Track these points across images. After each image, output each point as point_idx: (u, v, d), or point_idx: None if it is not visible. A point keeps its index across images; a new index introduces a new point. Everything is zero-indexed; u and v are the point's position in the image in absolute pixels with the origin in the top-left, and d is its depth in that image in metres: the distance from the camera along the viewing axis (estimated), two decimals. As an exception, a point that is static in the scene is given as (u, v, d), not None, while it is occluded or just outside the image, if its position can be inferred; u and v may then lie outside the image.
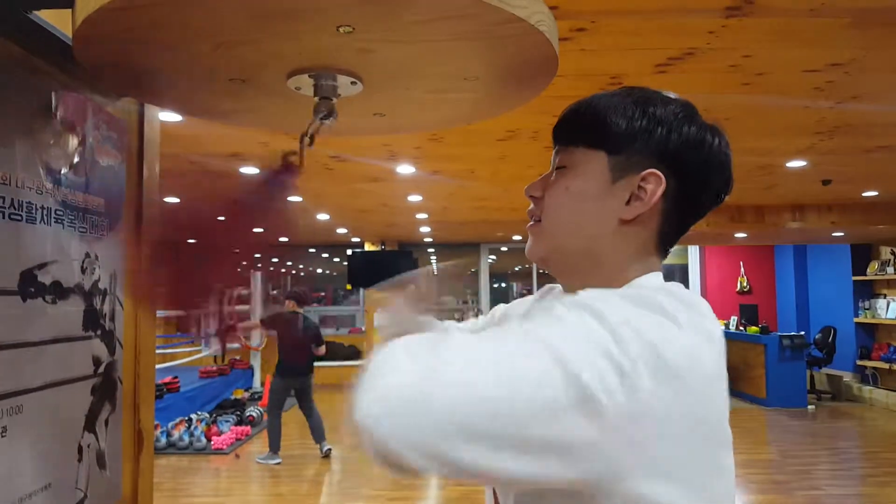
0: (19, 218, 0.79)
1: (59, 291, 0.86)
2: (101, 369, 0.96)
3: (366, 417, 0.54)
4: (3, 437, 0.75)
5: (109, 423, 0.99)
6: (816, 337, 9.71)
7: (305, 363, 6.17)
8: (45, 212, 0.84)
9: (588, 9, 2.33)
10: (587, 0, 2.26)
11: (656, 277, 0.77)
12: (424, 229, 9.78)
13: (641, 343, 0.58)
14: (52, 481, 0.85)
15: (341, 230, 9.88)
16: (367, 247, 11.22)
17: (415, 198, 6.73)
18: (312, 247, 13.09)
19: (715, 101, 3.44)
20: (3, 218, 0.76)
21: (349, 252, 10.36)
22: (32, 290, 0.81)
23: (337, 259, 13.54)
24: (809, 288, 10.55)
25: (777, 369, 8.83)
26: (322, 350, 6.19)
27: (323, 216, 8.15)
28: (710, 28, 2.53)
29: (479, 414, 0.53)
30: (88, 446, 0.93)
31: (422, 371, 0.55)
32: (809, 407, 8.74)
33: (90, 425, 0.94)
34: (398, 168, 5.19)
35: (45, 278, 0.83)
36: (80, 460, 0.91)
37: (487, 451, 0.54)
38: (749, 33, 2.57)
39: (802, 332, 9.34)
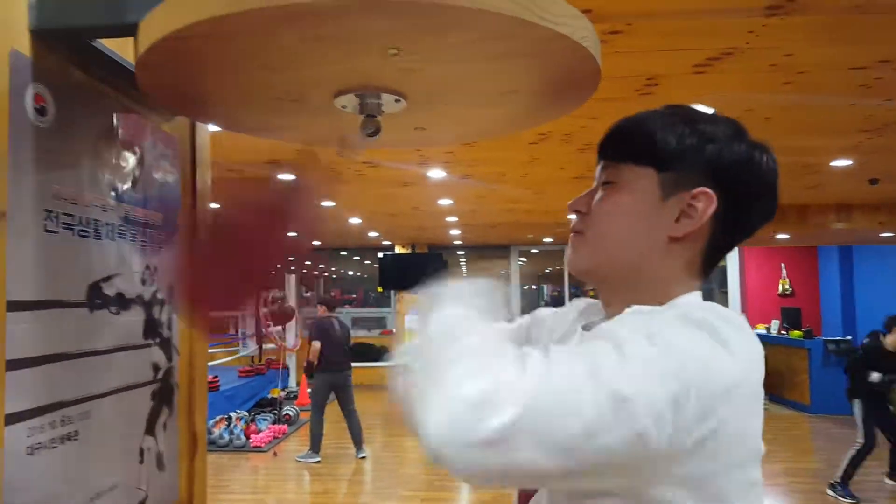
0: (87, 234, 0.84)
1: (122, 302, 0.91)
2: (160, 375, 1.01)
3: (427, 430, 0.56)
4: (75, 440, 0.80)
5: (167, 427, 1.03)
6: (864, 341, 9.41)
7: (342, 361, 6.31)
8: (109, 227, 0.88)
9: (624, 11, 2.32)
10: (623, 2, 2.25)
11: (697, 297, 0.78)
12: (454, 232, 9.80)
13: (695, 368, 0.60)
14: (117, 482, 0.89)
15: (372, 234, 9.97)
16: (398, 249, 11.29)
17: (445, 201, 6.75)
18: (344, 249, 13.22)
19: (755, 100, 3.39)
20: (73, 234, 0.81)
21: (380, 255, 10.43)
22: (99, 301, 0.86)
23: (368, 262, 13.66)
24: (856, 290, 10.18)
25: (822, 375, 8.52)
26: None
27: (355, 220, 8.24)
28: (751, 27, 2.49)
29: (535, 446, 0.55)
30: (149, 449, 0.98)
31: (485, 393, 0.56)
32: (857, 414, 8.49)
33: (150, 429, 0.98)
34: (429, 172, 5.22)
35: (109, 290, 0.88)
36: (141, 462, 0.96)
37: (541, 475, 0.58)
38: (791, 32, 2.52)
39: (849, 337, 9.01)
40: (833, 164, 4.95)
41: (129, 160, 0.94)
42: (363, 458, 6.26)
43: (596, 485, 0.63)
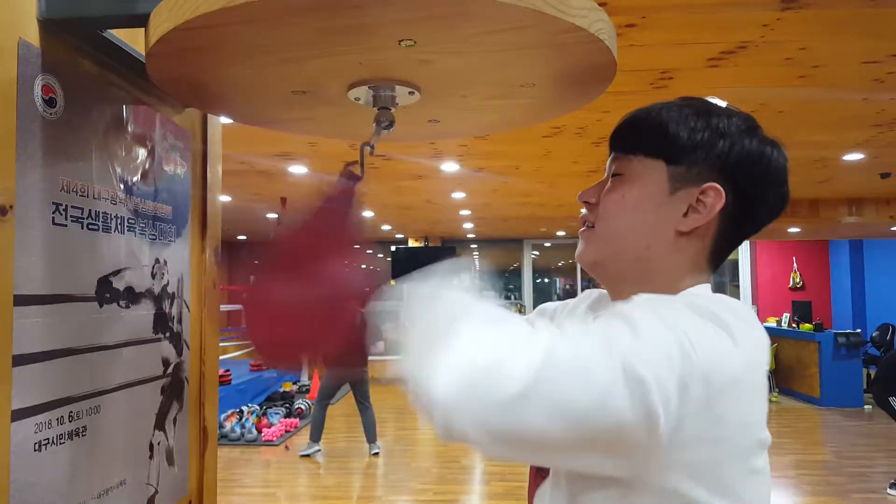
0: (96, 227, 0.83)
1: (131, 296, 0.90)
2: (170, 370, 1.00)
3: (437, 394, 0.57)
4: (84, 436, 0.80)
5: (177, 422, 1.03)
6: (874, 335, 9.38)
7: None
8: (118, 221, 0.88)
9: (638, 4, 2.30)
10: (637, -5, 2.23)
11: (706, 288, 0.78)
12: (467, 225, 9.80)
13: (702, 355, 0.59)
14: (126, 477, 0.89)
15: (385, 227, 9.98)
16: (411, 243, 11.30)
17: (458, 195, 6.75)
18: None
19: (769, 94, 3.36)
20: (82, 228, 0.80)
21: (392, 248, 10.45)
22: (108, 295, 0.85)
23: (380, 255, 13.70)
24: (866, 284, 10.21)
25: (832, 368, 8.56)
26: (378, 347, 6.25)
27: (367, 213, 8.26)
28: (765, 21, 2.47)
29: (548, 412, 0.56)
30: (159, 444, 0.97)
31: (498, 357, 0.57)
32: (866, 407, 8.43)
33: (160, 424, 0.98)
34: (442, 165, 5.21)
35: (119, 284, 0.87)
36: (151, 457, 0.95)
37: (550, 444, 0.58)
38: (805, 26, 2.50)
39: (859, 330, 9.01)
40: (845, 158, 4.93)
41: (140, 152, 0.93)
42: (376, 454, 6.22)
43: (601, 466, 0.62)
